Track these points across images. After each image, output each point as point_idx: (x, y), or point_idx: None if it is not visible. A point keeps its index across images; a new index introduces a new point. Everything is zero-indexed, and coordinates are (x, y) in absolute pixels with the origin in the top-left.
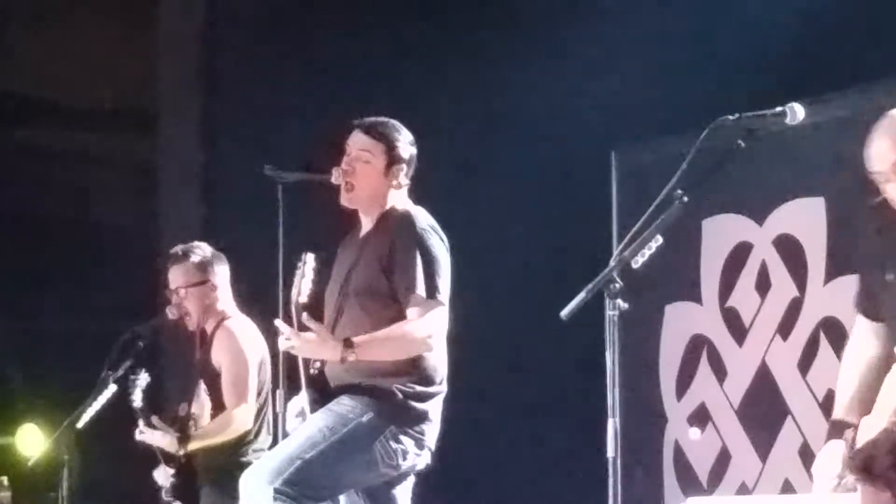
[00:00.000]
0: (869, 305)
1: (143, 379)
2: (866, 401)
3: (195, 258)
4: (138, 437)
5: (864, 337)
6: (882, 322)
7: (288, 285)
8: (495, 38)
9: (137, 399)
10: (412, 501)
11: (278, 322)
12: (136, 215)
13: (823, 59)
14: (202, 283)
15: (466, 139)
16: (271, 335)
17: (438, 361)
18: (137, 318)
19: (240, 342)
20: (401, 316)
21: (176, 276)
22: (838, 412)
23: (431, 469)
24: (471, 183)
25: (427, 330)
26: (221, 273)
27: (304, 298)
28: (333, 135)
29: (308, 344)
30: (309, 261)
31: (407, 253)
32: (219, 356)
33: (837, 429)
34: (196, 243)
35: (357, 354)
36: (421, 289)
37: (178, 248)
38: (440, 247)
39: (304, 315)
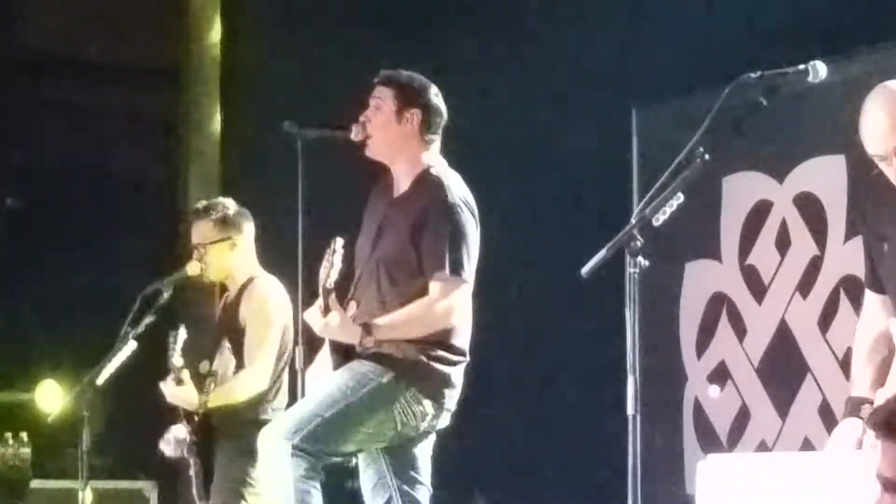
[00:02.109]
0: (872, 278)
1: (182, 335)
2: (880, 375)
3: (217, 214)
4: (165, 391)
5: (872, 311)
6: (885, 295)
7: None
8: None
9: (176, 356)
10: (432, 460)
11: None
12: (158, 171)
13: (846, 16)
14: (223, 240)
15: (489, 96)
16: (292, 293)
17: (462, 333)
18: (159, 274)
19: (268, 302)
20: (426, 290)
21: (198, 232)
22: (854, 389)
23: (451, 428)
24: (492, 140)
25: (448, 308)
26: (246, 230)
27: (330, 284)
28: (358, 93)
29: (330, 327)
30: (338, 248)
31: (437, 227)
32: (245, 314)
33: (854, 405)
34: (221, 199)
35: (376, 338)
36: (446, 265)
37: (202, 204)
38: (470, 222)
39: (332, 297)
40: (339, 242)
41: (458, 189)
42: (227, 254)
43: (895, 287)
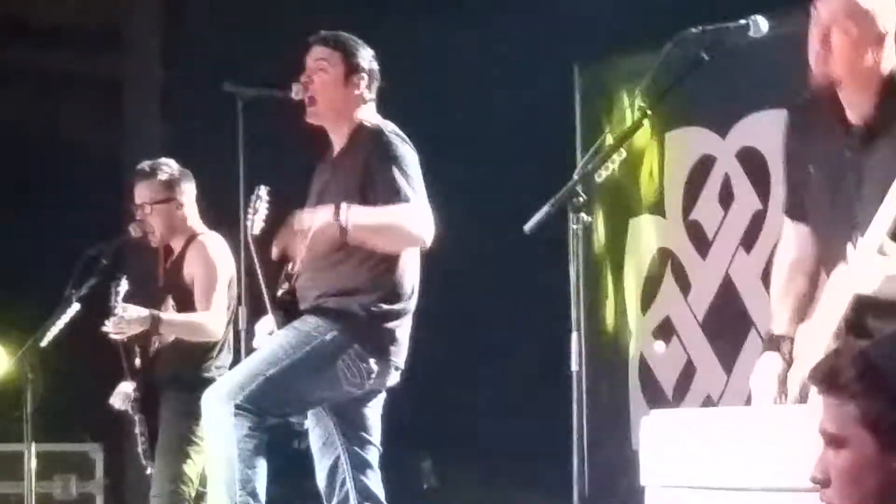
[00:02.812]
0: (794, 203)
1: (124, 286)
2: (799, 309)
3: (162, 175)
4: (112, 327)
5: (789, 241)
6: (805, 223)
7: (245, 218)
8: None
9: (119, 304)
10: (382, 418)
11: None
12: (101, 133)
13: None
14: (167, 201)
15: (429, 54)
16: (235, 254)
17: (405, 276)
18: (102, 236)
19: (212, 256)
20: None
21: (141, 192)
22: (774, 325)
23: (399, 385)
24: (433, 97)
25: (420, 220)
26: (189, 191)
27: (256, 231)
28: (296, 53)
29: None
30: (262, 194)
31: (383, 165)
32: (191, 269)
33: (773, 342)
34: (164, 160)
35: (352, 221)
36: (404, 195)
37: (146, 164)
38: (411, 153)
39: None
40: (262, 189)
41: (392, 128)
42: (172, 214)
43: (819, 216)
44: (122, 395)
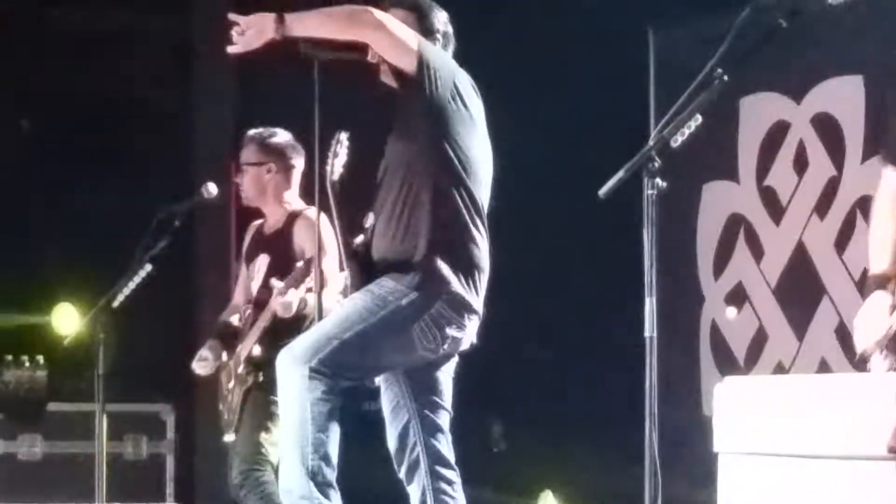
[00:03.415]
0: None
1: (263, 260)
2: None
3: (259, 139)
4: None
5: (890, 187)
6: None
7: (323, 163)
8: None
9: (277, 285)
10: (453, 381)
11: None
12: (172, 95)
13: None
14: (259, 164)
15: (501, 17)
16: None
17: (479, 241)
18: (173, 197)
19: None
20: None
21: (243, 154)
22: (877, 266)
23: (472, 351)
24: (507, 63)
25: (381, 17)
26: (292, 161)
27: (335, 177)
28: None
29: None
30: (343, 139)
31: None
32: (304, 244)
33: (879, 282)
34: (275, 129)
35: (291, 19)
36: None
37: (257, 130)
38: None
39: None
40: (343, 135)
41: None
42: (262, 178)
43: None
44: (207, 362)
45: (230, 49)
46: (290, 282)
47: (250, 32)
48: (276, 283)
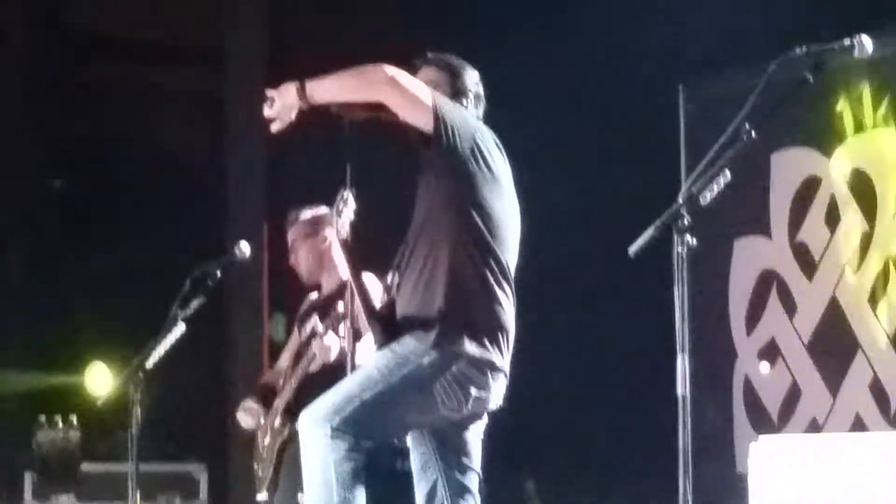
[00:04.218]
0: None
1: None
2: None
3: (303, 214)
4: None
5: None
6: None
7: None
8: None
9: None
10: (485, 440)
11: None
12: (205, 151)
13: None
14: (308, 237)
15: (534, 71)
16: None
17: (504, 302)
18: (206, 254)
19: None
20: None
21: (292, 233)
22: None
23: (502, 409)
24: (539, 116)
25: (382, 67)
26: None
27: (343, 235)
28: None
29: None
30: (347, 197)
31: None
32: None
33: None
34: (320, 206)
35: (311, 87)
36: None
37: (301, 209)
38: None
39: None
40: (347, 192)
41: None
42: (318, 250)
43: None
44: (252, 411)
45: (273, 127)
46: (329, 322)
47: (280, 106)
48: (317, 327)
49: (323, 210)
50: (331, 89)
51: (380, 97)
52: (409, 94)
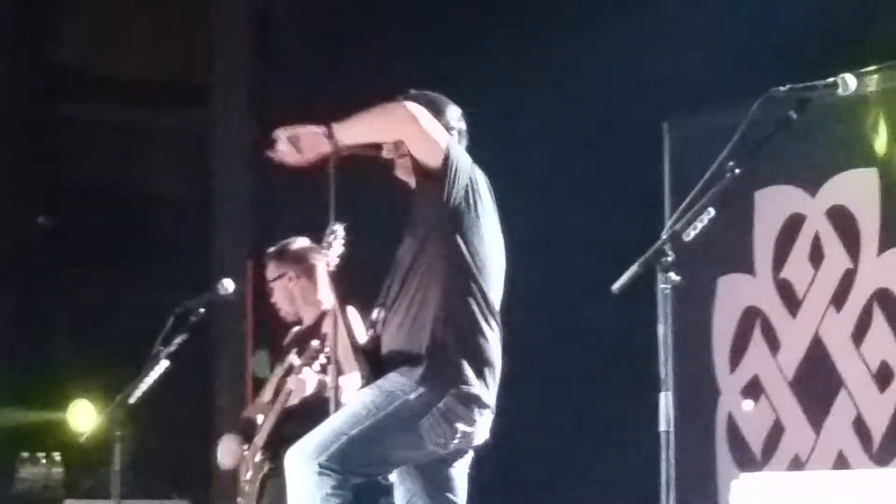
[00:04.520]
0: None
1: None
2: None
3: (275, 254)
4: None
5: None
6: None
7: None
8: (545, 7)
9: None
10: (470, 476)
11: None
12: (189, 188)
13: (875, 30)
14: (279, 277)
15: (515, 110)
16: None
17: (490, 338)
18: (190, 292)
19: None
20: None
21: (266, 275)
22: None
23: (487, 443)
24: (520, 154)
25: (407, 106)
26: (314, 261)
27: (331, 268)
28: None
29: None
30: (337, 231)
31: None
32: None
33: None
34: (291, 238)
35: (338, 130)
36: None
37: (273, 247)
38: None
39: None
40: (338, 226)
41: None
42: (287, 288)
43: None
44: (233, 450)
45: (286, 159)
46: (305, 359)
47: (303, 146)
48: (294, 361)
49: (299, 243)
50: (358, 132)
51: (402, 136)
52: (428, 133)
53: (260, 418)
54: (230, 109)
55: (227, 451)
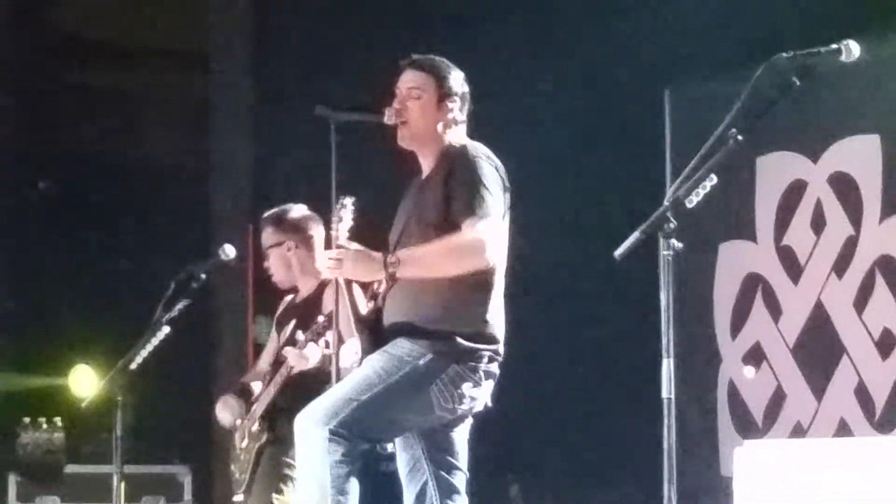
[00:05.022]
0: None
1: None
2: None
3: (274, 220)
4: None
5: None
6: None
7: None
8: None
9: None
10: (469, 443)
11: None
12: (189, 155)
13: None
14: (278, 245)
15: (518, 78)
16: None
17: (496, 303)
18: (192, 257)
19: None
20: None
21: (262, 239)
22: None
23: (487, 411)
24: (523, 122)
25: (478, 241)
26: (312, 232)
27: (342, 241)
28: (387, 76)
29: (352, 261)
30: (347, 204)
31: (463, 180)
32: (331, 305)
33: None
34: (288, 206)
35: (402, 264)
36: (473, 208)
37: (270, 211)
38: (493, 173)
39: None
40: (348, 199)
41: (480, 148)
42: (285, 257)
43: None
44: (231, 407)
45: (336, 273)
46: (311, 335)
47: (359, 271)
48: (299, 337)
49: (298, 211)
50: (424, 267)
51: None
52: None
53: (256, 385)
54: (230, 76)
55: (225, 407)
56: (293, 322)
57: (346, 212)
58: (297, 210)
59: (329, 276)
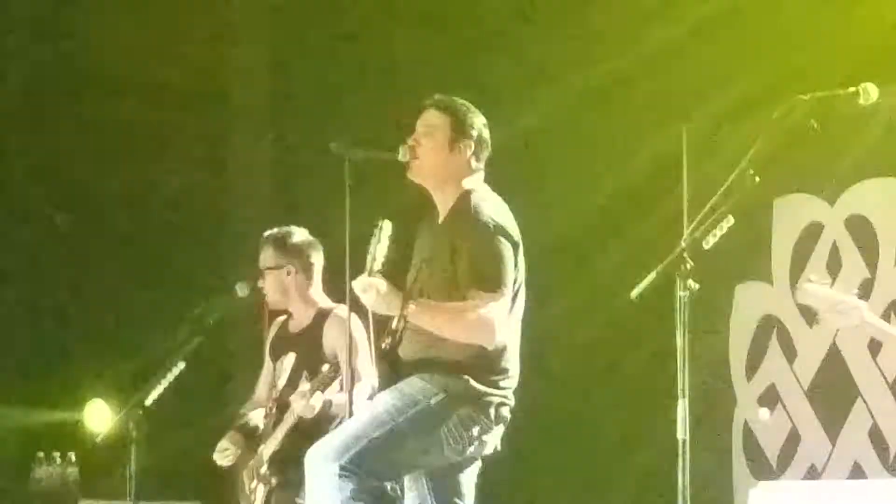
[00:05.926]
0: None
1: (290, 360)
2: None
3: (277, 241)
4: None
5: None
6: None
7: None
8: (569, 8)
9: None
10: (476, 486)
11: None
12: (206, 191)
13: None
14: (278, 268)
15: (536, 113)
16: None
17: (510, 348)
18: (207, 294)
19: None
20: None
21: (261, 257)
22: None
23: (498, 454)
24: (541, 160)
25: (484, 319)
26: (312, 259)
27: (378, 266)
28: (404, 114)
29: (381, 295)
30: (385, 227)
31: (471, 250)
32: (334, 343)
33: None
34: (291, 228)
35: (415, 315)
36: (481, 283)
37: (273, 231)
38: (505, 245)
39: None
40: (386, 224)
41: (493, 212)
42: (283, 281)
43: None
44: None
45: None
46: (317, 384)
47: (381, 305)
48: (304, 386)
49: (300, 235)
50: (428, 323)
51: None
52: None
53: (256, 413)
54: (247, 113)
55: (223, 454)
56: (292, 356)
57: (383, 234)
58: (300, 234)
59: (364, 300)
